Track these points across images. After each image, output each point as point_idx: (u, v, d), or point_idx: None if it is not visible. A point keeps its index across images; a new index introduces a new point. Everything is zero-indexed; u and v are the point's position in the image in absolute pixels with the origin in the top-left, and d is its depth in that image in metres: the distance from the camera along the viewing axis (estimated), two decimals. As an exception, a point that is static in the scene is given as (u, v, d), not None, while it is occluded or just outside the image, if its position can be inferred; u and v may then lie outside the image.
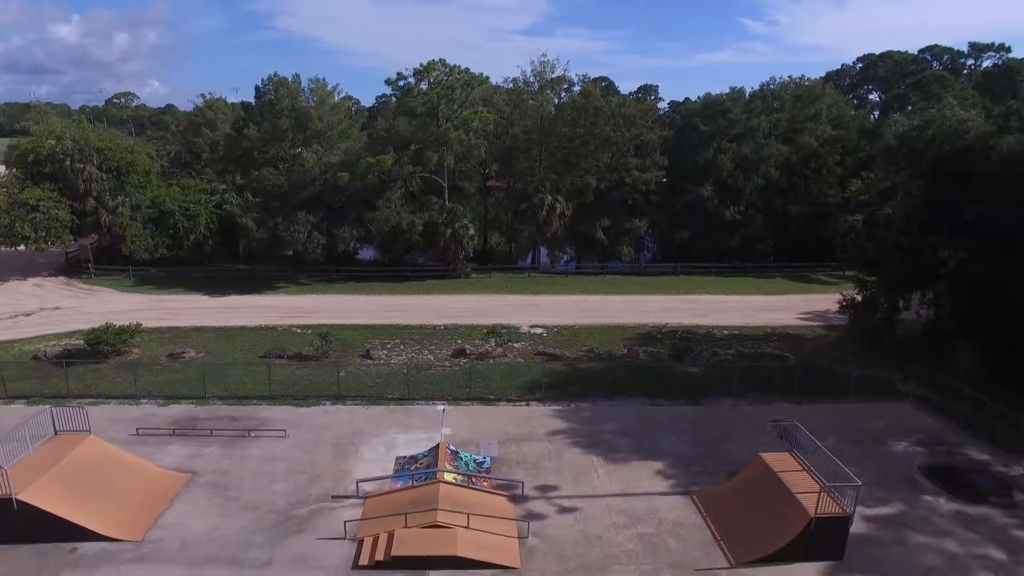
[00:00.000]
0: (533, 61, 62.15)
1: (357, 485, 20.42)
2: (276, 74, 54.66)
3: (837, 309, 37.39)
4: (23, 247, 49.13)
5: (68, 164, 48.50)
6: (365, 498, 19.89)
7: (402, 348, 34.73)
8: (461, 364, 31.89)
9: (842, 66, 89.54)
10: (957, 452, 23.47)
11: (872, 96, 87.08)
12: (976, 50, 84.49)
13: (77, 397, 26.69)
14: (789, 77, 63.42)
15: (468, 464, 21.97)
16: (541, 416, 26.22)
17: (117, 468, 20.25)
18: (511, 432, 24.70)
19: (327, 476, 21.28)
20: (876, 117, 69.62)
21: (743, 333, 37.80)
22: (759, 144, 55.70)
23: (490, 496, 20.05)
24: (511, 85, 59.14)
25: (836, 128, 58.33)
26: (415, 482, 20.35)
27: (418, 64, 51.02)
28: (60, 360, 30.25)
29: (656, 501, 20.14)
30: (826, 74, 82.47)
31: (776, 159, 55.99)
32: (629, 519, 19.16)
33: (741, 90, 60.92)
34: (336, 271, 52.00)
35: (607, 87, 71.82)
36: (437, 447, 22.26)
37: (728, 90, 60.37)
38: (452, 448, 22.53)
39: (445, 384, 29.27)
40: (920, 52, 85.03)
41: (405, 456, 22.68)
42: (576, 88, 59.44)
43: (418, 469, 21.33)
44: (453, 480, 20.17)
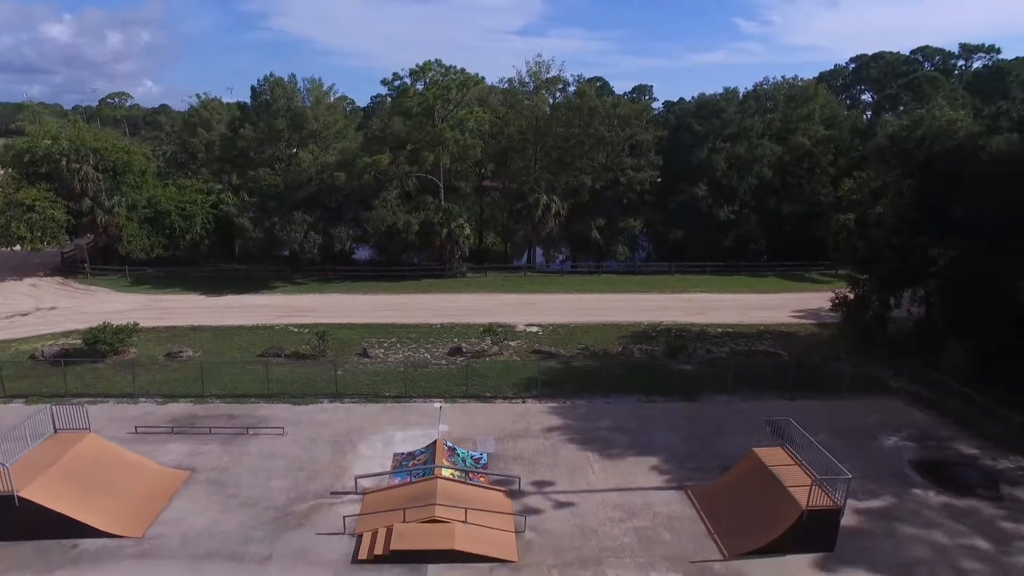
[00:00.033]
0: (528, 61, 62.48)
1: (356, 481, 20.62)
2: (272, 74, 54.95)
3: (830, 307, 37.83)
4: (19, 247, 49.12)
5: (64, 164, 48.48)
6: (364, 494, 20.10)
7: (399, 347, 34.94)
8: (458, 362, 32.11)
9: (835, 66, 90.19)
10: (946, 447, 23.85)
11: (865, 96, 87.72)
12: (967, 51, 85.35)
13: (75, 396, 26.73)
14: (782, 77, 63.98)
15: (465, 460, 22.21)
16: (537, 413, 26.47)
17: (117, 465, 20.42)
18: (507, 429, 24.95)
19: (326, 473, 21.48)
20: (869, 117, 70.12)
21: (737, 331, 38.16)
22: (753, 144, 56.10)
23: (487, 491, 20.29)
24: (506, 85, 59.32)
25: (829, 128, 58.79)
26: (413, 478, 20.57)
27: (414, 64, 51.35)
28: (57, 359, 30.29)
29: (651, 496, 20.41)
30: (819, 74, 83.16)
31: (769, 159, 56.40)
32: (624, 513, 19.43)
33: (735, 90, 61.38)
34: (332, 271, 52.12)
35: (602, 87, 72.20)
36: (434, 444, 22.48)
37: (722, 90, 60.81)
38: (449, 445, 22.76)
39: (442, 382, 29.49)
40: (912, 53, 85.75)
41: (403, 453, 22.91)
42: (571, 88, 59.71)
43: (416, 465, 21.55)
44: (450, 476, 20.40)
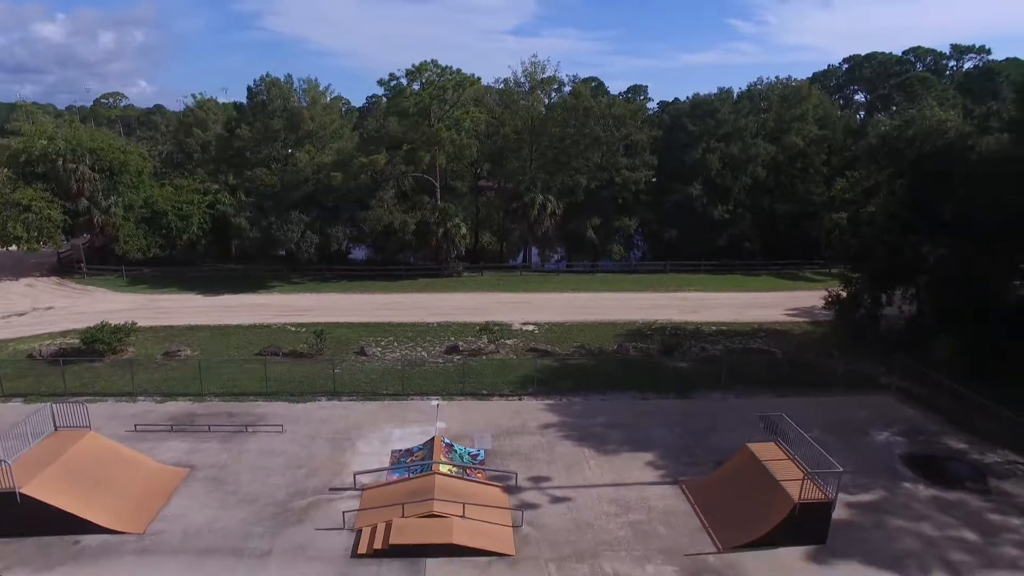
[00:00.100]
0: (524, 62, 62.73)
1: (354, 477, 20.84)
2: (268, 75, 55.02)
3: (823, 305, 38.24)
4: (14, 247, 49.13)
5: (60, 164, 48.59)
6: (362, 490, 20.30)
7: (396, 345, 35.16)
8: (454, 360, 32.35)
9: (828, 67, 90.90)
10: (936, 441, 24.22)
11: (858, 96, 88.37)
12: (958, 52, 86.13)
13: (74, 395, 26.83)
14: (776, 77, 64.40)
15: (463, 456, 22.45)
16: (533, 410, 26.73)
17: (117, 463, 20.57)
18: (504, 426, 25.19)
19: (324, 469, 21.69)
20: (862, 117, 70.68)
21: (731, 329, 38.50)
22: (747, 144, 56.52)
23: (485, 487, 20.53)
24: (502, 86, 59.64)
25: (822, 128, 59.25)
26: (411, 474, 20.80)
27: (409, 65, 51.74)
28: (56, 359, 30.42)
29: (646, 490, 20.68)
30: (813, 74, 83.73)
31: (763, 158, 56.83)
32: (620, 508, 19.70)
33: (729, 90, 61.79)
34: (329, 270, 52.31)
35: (597, 87, 72.45)
36: (432, 440, 22.71)
37: (716, 90, 61.36)
38: (447, 441, 23.00)
39: (439, 380, 29.73)
40: (904, 53, 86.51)
41: (401, 449, 23.14)
42: (566, 88, 60.10)
43: (414, 462, 21.77)
44: (448, 472, 20.62)
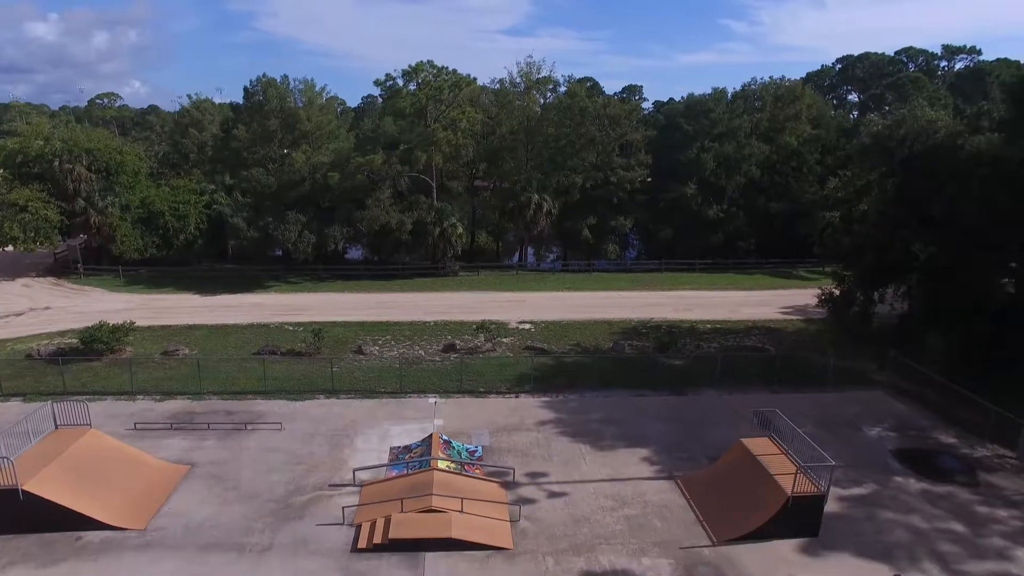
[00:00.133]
0: (519, 62, 62.80)
1: (354, 474, 21.07)
2: (265, 75, 54.97)
3: (816, 303, 38.61)
4: (11, 247, 49.12)
5: (57, 164, 48.63)
6: (361, 486, 20.54)
7: (393, 344, 35.38)
8: (452, 358, 32.60)
9: (822, 67, 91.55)
10: (927, 436, 24.61)
11: (851, 96, 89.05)
12: (949, 52, 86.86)
13: (73, 394, 26.90)
14: (770, 78, 64.75)
15: (460, 453, 22.71)
16: (530, 407, 27.01)
17: (118, 460, 20.76)
18: (501, 422, 25.46)
19: (324, 466, 21.91)
20: (855, 117, 71.19)
21: (726, 327, 38.85)
22: (741, 143, 56.96)
23: (482, 482, 20.80)
24: (497, 86, 59.80)
25: (816, 128, 59.75)
26: (410, 470, 21.04)
27: (406, 65, 52.04)
28: (54, 358, 30.53)
29: (642, 485, 20.99)
30: (806, 75, 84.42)
31: (757, 158, 57.26)
32: (616, 502, 19.99)
33: (723, 90, 62.17)
34: (326, 270, 52.46)
35: (592, 87, 72.78)
36: (430, 437, 22.98)
37: (711, 90, 61.63)
38: (445, 438, 23.26)
39: (436, 378, 29.98)
40: (896, 54, 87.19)
41: (399, 446, 23.38)
42: (562, 89, 60.26)
43: (412, 458, 22.01)
44: (446, 468, 20.88)
